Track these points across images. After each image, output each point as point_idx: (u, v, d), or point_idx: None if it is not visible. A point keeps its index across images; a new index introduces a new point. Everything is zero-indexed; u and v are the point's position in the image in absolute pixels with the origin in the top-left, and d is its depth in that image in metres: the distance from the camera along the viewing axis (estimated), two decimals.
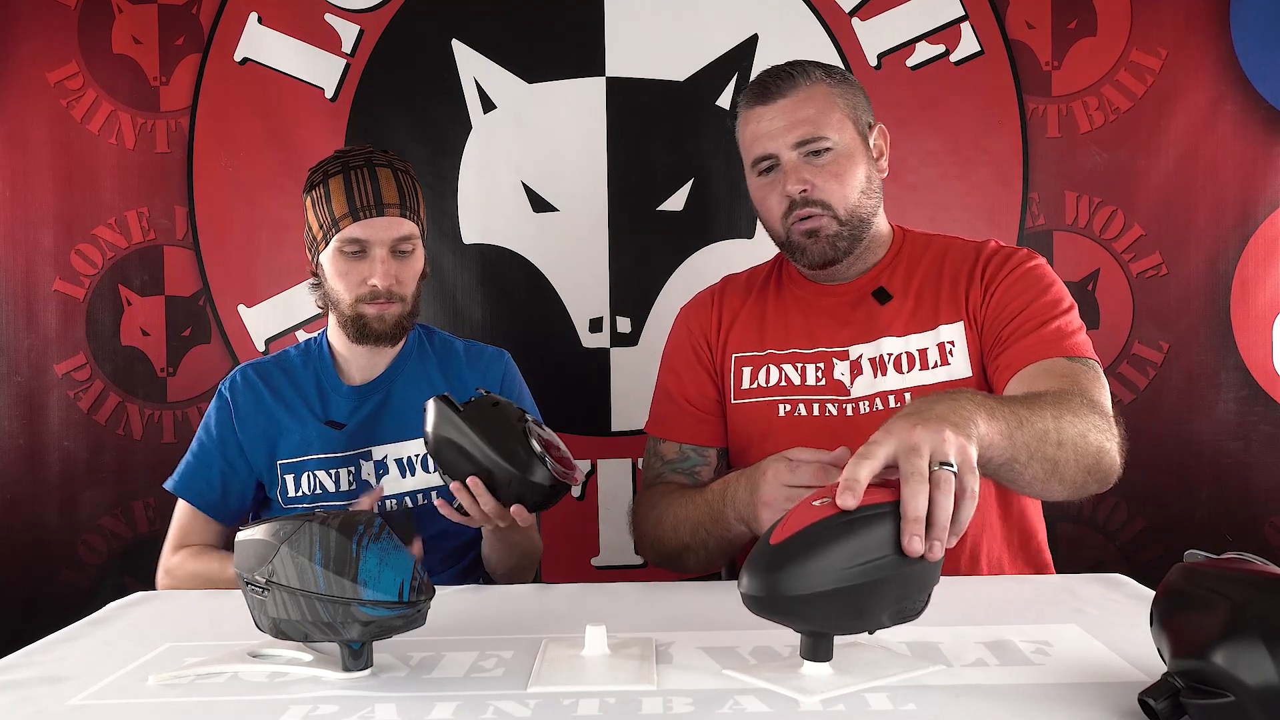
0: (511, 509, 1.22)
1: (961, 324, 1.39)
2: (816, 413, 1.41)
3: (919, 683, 0.85)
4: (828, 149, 1.39)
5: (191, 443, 1.60)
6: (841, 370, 1.42)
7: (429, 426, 1.23)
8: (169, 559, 1.55)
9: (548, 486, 1.21)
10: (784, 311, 1.50)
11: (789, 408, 1.42)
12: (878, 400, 1.39)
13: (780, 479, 1.14)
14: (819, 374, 1.43)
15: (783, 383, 1.44)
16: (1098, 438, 1.15)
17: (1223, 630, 0.68)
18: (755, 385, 1.45)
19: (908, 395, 1.37)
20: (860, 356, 1.42)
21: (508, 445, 1.20)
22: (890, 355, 1.40)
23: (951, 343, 1.39)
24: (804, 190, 1.39)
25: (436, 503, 1.29)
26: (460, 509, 1.25)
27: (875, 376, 1.40)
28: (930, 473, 0.83)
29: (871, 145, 1.45)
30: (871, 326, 1.43)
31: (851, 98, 1.44)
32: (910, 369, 1.39)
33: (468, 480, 1.21)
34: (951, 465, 0.84)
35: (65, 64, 2.18)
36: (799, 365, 1.44)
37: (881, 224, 1.48)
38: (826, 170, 1.40)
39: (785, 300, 1.51)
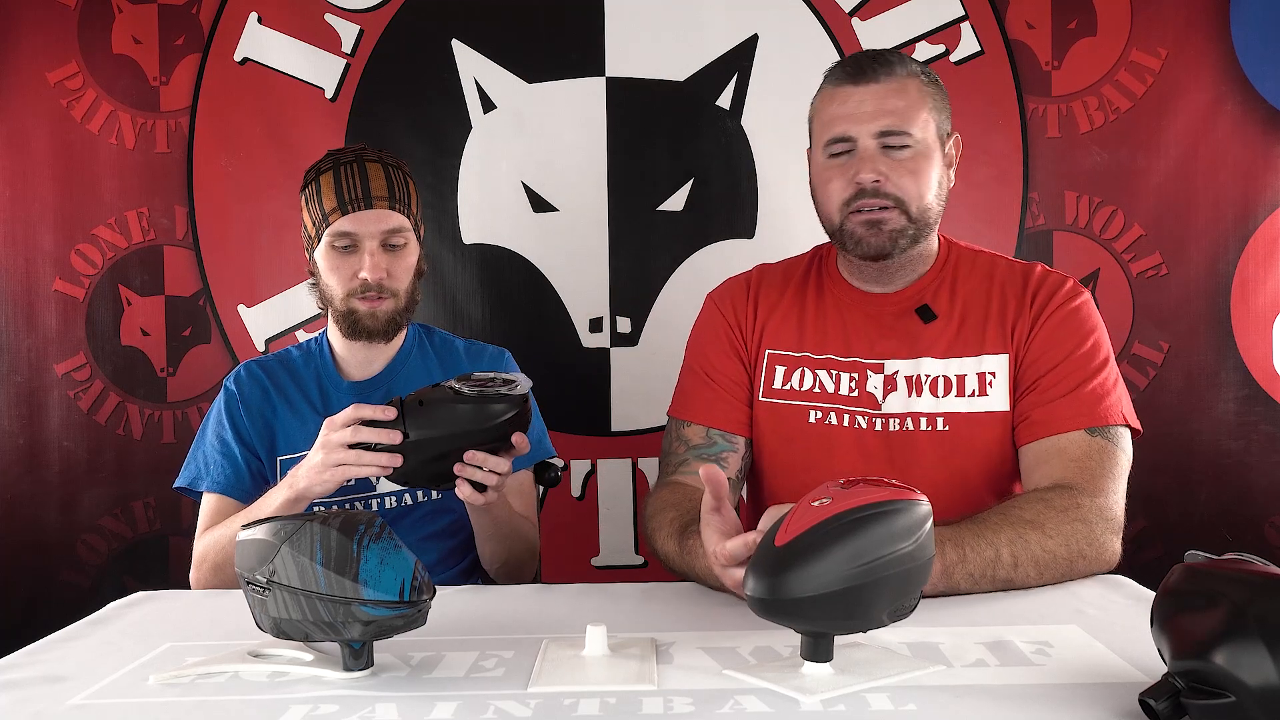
0: (514, 440, 1.24)
1: (1007, 357, 1.36)
2: (847, 423, 1.38)
3: (919, 683, 0.84)
4: (908, 145, 1.34)
5: (197, 441, 1.58)
6: (874, 384, 1.38)
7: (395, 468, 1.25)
8: (196, 552, 1.50)
9: (512, 410, 1.23)
10: (823, 314, 1.45)
11: (820, 415, 1.39)
12: (909, 420, 1.35)
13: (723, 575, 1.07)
14: (852, 384, 1.39)
15: (816, 389, 1.41)
16: (1073, 547, 1.17)
17: (1223, 630, 0.68)
18: (788, 387, 1.42)
19: (940, 420, 1.35)
20: (896, 373, 1.38)
21: (454, 414, 1.22)
22: (928, 376, 1.37)
23: (993, 374, 1.35)
24: (877, 181, 1.33)
25: (458, 488, 1.27)
26: (477, 485, 1.26)
27: (910, 395, 1.36)
28: None
29: (946, 152, 1.41)
30: (913, 344, 1.39)
31: (939, 100, 1.39)
32: (946, 394, 1.35)
33: (464, 457, 1.22)
34: None
35: (65, 64, 2.18)
36: (833, 373, 1.40)
37: (933, 235, 1.45)
38: (904, 165, 1.33)
39: (825, 303, 1.46)
